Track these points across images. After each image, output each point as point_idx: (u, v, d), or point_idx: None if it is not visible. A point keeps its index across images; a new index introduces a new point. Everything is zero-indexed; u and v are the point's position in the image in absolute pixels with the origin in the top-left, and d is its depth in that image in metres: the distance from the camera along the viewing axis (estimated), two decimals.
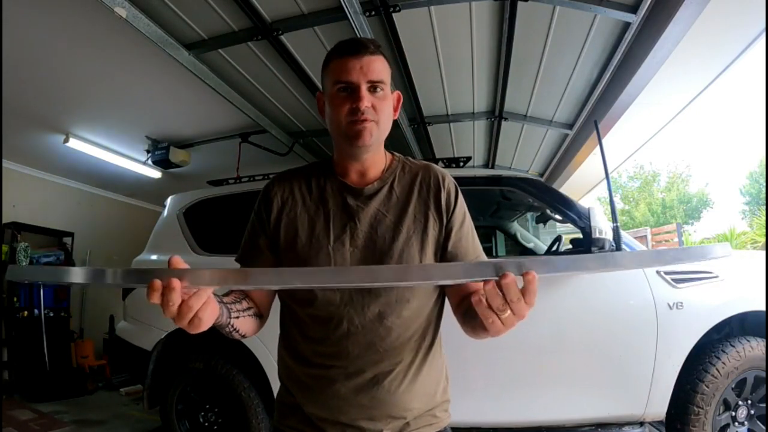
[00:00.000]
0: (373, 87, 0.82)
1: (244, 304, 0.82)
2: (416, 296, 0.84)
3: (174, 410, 2.42)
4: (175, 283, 0.57)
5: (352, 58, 0.81)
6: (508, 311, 0.61)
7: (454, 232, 0.87)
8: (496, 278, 0.59)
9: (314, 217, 0.87)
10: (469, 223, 0.91)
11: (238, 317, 0.78)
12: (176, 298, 0.57)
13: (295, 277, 0.62)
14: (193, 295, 0.59)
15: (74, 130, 3.93)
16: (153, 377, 2.43)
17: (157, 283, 0.57)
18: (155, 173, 4.81)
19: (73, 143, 3.97)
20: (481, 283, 0.62)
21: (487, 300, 0.61)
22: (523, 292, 0.60)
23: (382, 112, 0.83)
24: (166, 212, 2.81)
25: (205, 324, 0.63)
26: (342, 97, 0.82)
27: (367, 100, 0.80)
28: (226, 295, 0.81)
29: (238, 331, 0.79)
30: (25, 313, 4.43)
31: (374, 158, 0.88)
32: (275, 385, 2.22)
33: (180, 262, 0.59)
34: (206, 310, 0.62)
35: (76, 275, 0.59)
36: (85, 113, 3.64)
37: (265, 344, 2.18)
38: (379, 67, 0.83)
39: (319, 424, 0.83)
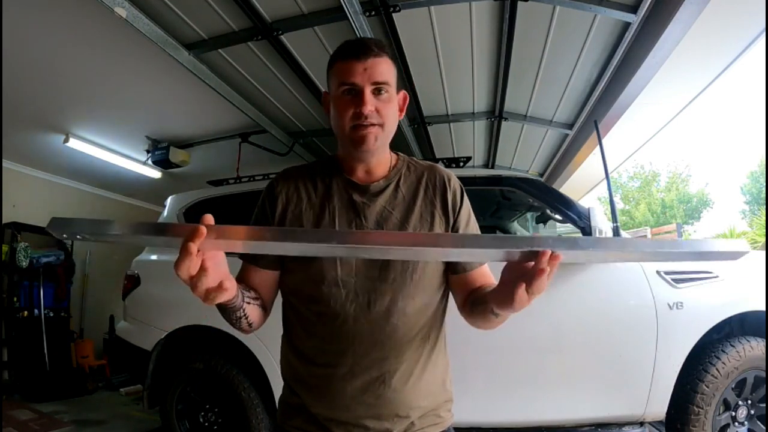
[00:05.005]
0: (378, 89, 0.81)
1: (253, 294, 0.83)
2: (421, 293, 0.84)
3: (174, 410, 2.42)
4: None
5: (357, 61, 0.81)
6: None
7: (460, 232, 0.89)
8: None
9: (319, 213, 0.87)
10: (473, 222, 0.93)
11: (249, 303, 0.79)
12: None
13: (311, 235, 0.64)
14: (214, 259, 0.62)
15: (74, 130, 3.93)
16: (153, 377, 2.43)
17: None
18: (155, 173, 4.80)
19: (73, 143, 3.97)
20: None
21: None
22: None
23: (386, 115, 0.82)
24: (166, 212, 2.81)
25: (215, 282, 0.63)
26: (346, 100, 0.81)
27: (371, 105, 0.80)
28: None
29: (246, 318, 0.79)
30: (25, 313, 4.43)
31: (380, 158, 0.89)
32: (275, 385, 2.24)
33: (212, 219, 0.60)
34: (218, 272, 0.63)
35: (119, 228, 0.61)
36: (85, 113, 3.64)
37: (265, 344, 2.18)
38: (383, 69, 0.82)
39: (324, 423, 0.83)
